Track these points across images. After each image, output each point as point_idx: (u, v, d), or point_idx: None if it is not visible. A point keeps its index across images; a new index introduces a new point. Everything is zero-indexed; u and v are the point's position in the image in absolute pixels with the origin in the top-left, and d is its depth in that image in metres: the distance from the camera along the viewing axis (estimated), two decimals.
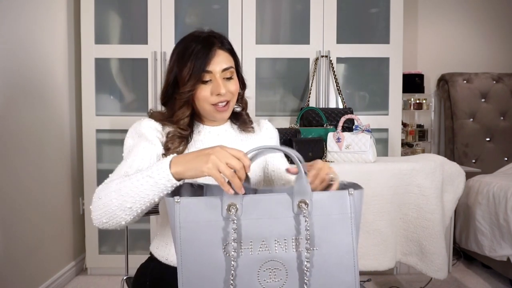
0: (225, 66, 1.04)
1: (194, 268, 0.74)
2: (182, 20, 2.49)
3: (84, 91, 2.46)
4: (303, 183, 0.75)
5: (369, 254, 1.88)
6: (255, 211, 0.75)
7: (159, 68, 2.44)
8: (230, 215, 0.73)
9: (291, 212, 0.75)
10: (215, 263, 0.74)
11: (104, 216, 0.84)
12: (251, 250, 0.74)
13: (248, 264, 0.74)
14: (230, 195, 0.74)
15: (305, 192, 0.75)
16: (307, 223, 0.73)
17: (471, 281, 2.39)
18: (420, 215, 1.88)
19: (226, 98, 1.04)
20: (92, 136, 2.47)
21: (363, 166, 1.93)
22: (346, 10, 2.50)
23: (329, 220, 0.76)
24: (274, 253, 0.75)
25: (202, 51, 1.02)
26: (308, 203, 0.74)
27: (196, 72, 1.01)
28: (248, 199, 0.75)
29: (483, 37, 3.18)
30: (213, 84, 1.03)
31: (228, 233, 0.73)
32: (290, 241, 0.75)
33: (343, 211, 0.76)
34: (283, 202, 0.76)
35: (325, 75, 2.50)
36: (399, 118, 2.53)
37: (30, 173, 2.04)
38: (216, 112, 1.06)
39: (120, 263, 2.15)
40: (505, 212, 2.20)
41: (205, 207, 0.74)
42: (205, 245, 0.74)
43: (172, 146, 1.03)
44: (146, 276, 1.10)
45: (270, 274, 0.75)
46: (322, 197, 0.76)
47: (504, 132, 2.96)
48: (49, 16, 2.23)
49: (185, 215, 0.74)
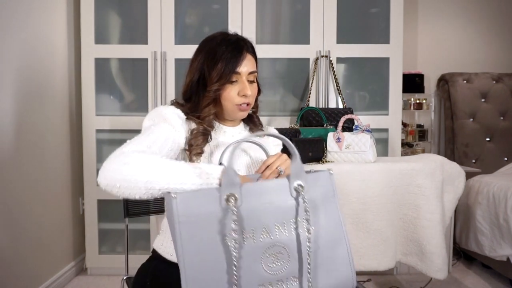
0: (252, 70, 1.10)
1: (196, 263, 0.73)
2: (182, 20, 2.49)
3: (84, 91, 2.46)
4: (298, 165, 0.78)
5: (369, 254, 1.88)
6: (253, 199, 0.76)
7: (159, 68, 2.44)
8: (230, 206, 0.73)
9: (289, 195, 0.78)
10: (218, 255, 0.73)
11: (121, 182, 0.80)
12: (253, 239, 0.75)
13: (253, 252, 0.75)
14: (228, 185, 0.74)
15: (300, 174, 0.78)
16: (306, 204, 0.76)
17: (471, 281, 2.39)
18: (420, 215, 1.88)
19: (249, 100, 1.11)
20: (92, 136, 2.47)
21: (363, 166, 1.93)
22: (346, 10, 2.50)
23: (320, 199, 0.81)
24: (276, 238, 0.76)
25: (233, 53, 1.07)
26: (303, 185, 0.77)
27: (227, 72, 1.06)
28: (246, 187, 0.76)
29: (483, 37, 3.18)
30: (240, 85, 1.09)
31: (229, 224, 0.73)
32: (290, 224, 0.77)
33: (329, 189, 0.84)
34: (280, 186, 0.78)
35: (325, 75, 2.50)
36: (399, 118, 2.53)
37: (30, 173, 2.04)
38: (238, 111, 1.11)
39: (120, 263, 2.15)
40: (505, 212, 2.20)
41: (203, 199, 0.74)
42: (206, 239, 0.73)
43: (195, 143, 1.05)
44: (146, 276, 1.10)
45: (273, 259, 0.76)
46: (311, 178, 0.81)
47: (504, 132, 2.96)
48: (49, 16, 2.23)
49: (183, 209, 0.73)
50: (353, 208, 1.88)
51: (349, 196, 1.87)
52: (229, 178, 0.74)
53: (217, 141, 1.12)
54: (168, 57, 2.44)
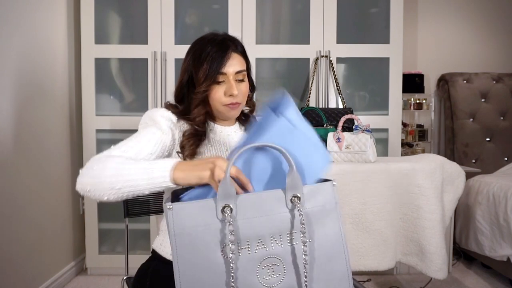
0: (239, 69, 1.08)
1: (193, 273, 0.73)
2: (182, 20, 2.49)
3: (84, 91, 2.46)
4: (295, 177, 0.76)
5: (369, 254, 1.88)
6: (249, 210, 0.75)
7: (159, 68, 2.44)
8: (226, 217, 0.72)
9: (285, 207, 0.77)
10: (214, 267, 0.73)
11: (90, 185, 0.86)
12: (248, 250, 0.74)
13: (248, 264, 0.74)
14: (223, 196, 0.74)
15: (297, 186, 0.76)
16: (301, 217, 0.74)
17: (471, 281, 2.39)
18: (420, 215, 1.88)
19: (237, 100, 1.08)
20: (92, 136, 2.47)
21: (363, 166, 1.93)
22: (346, 10, 2.50)
23: (318, 212, 0.79)
24: (271, 250, 0.75)
25: (217, 53, 1.06)
26: (300, 197, 0.76)
27: (212, 73, 1.05)
28: (241, 198, 0.75)
29: (483, 37, 3.18)
30: (227, 85, 1.07)
31: (225, 235, 0.73)
32: (285, 236, 0.76)
33: (330, 201, 0.80)
34: (276, 198, 0.77)
35: (325, 75, 2.50)
36: (399, 118, 2.53)
37: (30, 173, 2.04)
38: (229, 110, 1.09)
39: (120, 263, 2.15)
40: (505, 212, 2.20)
41: (199, 210, 0.74)
42: (202, 250, 0.73)
43: (188, 144, 1.05)
44: (146, 276, 1.10)
45: (269, 271, 0.75)
46: (309, 189, 0.79)
47: (504, 132, 2.96)
48: (49, 16, 2.23)
49: (179, 221, 0.73)
50: (353, 208, 1.88)
51: (349, 196, 1.87)
52: (224, 189, 0.73)
53: (213, 141, 1.12)
54: (168, 57, 2.44)
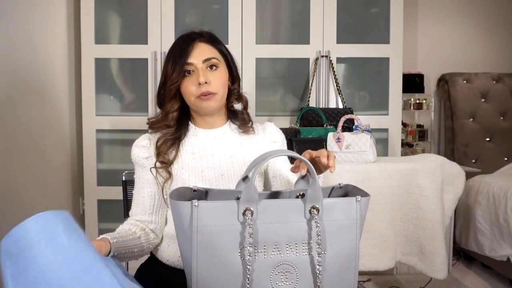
0: (206, 57, 1.05)
1: (209, 272, 0.74)
2: (182, 20, 2.49)
3: (84, 91, 2.46)
4: (316, 189, 0.77)
5: (369, 254, 1.88)
6: (268, 216, 0.76)
7: (159, 68, 2.44)
8: (246, 220, 0.74)
9: (303, 217, 0.78)
10: (231, 267, 0.75)
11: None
12: (264, 254, 0.76)
13: (262, 267, 0.76)
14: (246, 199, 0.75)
15: (317, 198, 0.77)
16: (318, 228, 0.76)
17: (471, 281, 2.39)
18: (420, 215, 1.88)
19: (208, 89, 1.04)
20: (92, 136, 2.47)
21: (363, 166, 1.93)
22: (346, 10, 2.50)
23: (336, 226, 0.79)
24: (286, 257, 0.77)
25: (183, 45, 1.06)
26: (319, 209, 0.77)
27: (178, 64, 1.04)
28: (262, 204, 0.77)
29: (483, 37, 3.18)
30: (195, 74, 1.05)
31: (244, 237, 0.74)
32: (301, 245, 0.77)
33: (350, 217, 0.80)
34: (295, 207, 0.78)
35: (325, 75, 2.50)
36: (399, 118, 2.53)
37: (30, 173, 2.04)
38: (201, 101, 1.05)
39: None
40: (505, 212, 2.20)
41: (222, 211, 0.75)
42: (221, 249, 0.74)
43: (164, 148, 1.05)
44: (146, 276, 1.10)
45: (282, 277, 0.77)
46: (331, 202, 0.79)
47: (504, 132, 2.96)
48: (49, 16, 2.23)
49: (203, 219, 0.74)
50: None
51: None
52: (249, 193, 0.75)
53: (198, 146, 1.09)
54: None
